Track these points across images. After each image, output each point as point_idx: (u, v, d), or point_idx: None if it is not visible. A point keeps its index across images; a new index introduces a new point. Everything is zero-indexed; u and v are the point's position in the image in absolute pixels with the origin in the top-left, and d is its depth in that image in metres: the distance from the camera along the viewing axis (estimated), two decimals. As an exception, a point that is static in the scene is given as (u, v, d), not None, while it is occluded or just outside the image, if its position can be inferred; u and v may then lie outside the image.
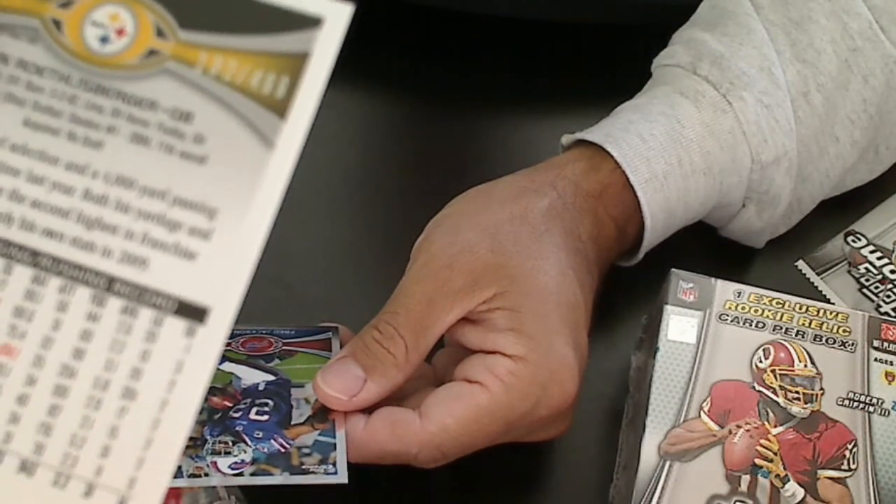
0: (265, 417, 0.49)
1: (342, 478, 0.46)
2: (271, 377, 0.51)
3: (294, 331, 0.53)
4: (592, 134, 0.55)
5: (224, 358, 0.52)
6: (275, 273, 0.61)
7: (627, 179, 0.54)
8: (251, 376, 0.51)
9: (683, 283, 0.53)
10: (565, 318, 0.50)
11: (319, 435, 0.48)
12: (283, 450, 0.47)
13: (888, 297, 0.61)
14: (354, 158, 0.68)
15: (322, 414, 0.49)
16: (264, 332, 0.54)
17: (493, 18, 0.69)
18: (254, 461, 0.47)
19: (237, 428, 0.48)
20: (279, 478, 0.46)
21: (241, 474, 0.46)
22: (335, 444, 0.47)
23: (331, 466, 0.47)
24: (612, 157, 0.54)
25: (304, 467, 0.47)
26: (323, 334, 0.53)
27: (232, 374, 0.51)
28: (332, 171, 0.67)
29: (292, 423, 0.49)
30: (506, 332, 0.48)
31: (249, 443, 0.48)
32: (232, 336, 0.53)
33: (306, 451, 0.47)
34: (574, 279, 0.51)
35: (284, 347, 0.53)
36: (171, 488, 0.50)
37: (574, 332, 0.50)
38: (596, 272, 0.54)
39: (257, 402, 0.50)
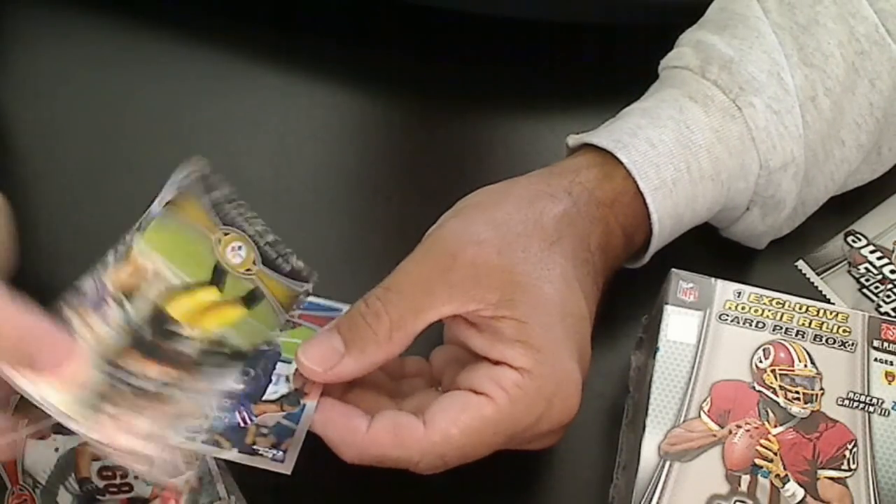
0: (241, 386, 0.49)
1: (286, 468, 0.46)
2: (264, 346, 0.50)
3: (308, 302, 0.53)
4: (601, 138, 0.55)
5: None
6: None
7: (638, 187, 0.54)
8: None
9: (683, 283, 0.53)
10: (570, 331, 0.50)
11: (284, 417, 0.48)
12: (242, 424, 0.47)
13: (888, 297, 0.61)
14: (354, 158, 0.68)
15: (294, 397, 0.48)
16: None
17: (493, 18, 0.69)
18: (210, 429, 0.47)
19: None
20: (226, 453, 0.46)
21: (192, 440, 0.46)
22: (293, 431, 0.47)
23: (280, 453, 0.46)
24: (622, 164, 0.54)
25: (254, 447, 0.46)
26: (334, 312, 0.52)
27: None
28: (332, 171, 0.67)
29: (263, 398, 0.48)
30: (513, 342, 0.48)
31: (213, 409, 0.47)
32: None
33: (264, 431, 0.47)
34: (580, 291, 0.51)
35: (289, 318, 0.52)
36: (170, 488, 0.51)
37: (579, 344, 0.50)
38: (601, 281, 0.53)
39: (241, 368, 0.49)
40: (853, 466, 0.49)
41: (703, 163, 0.55)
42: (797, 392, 0.50)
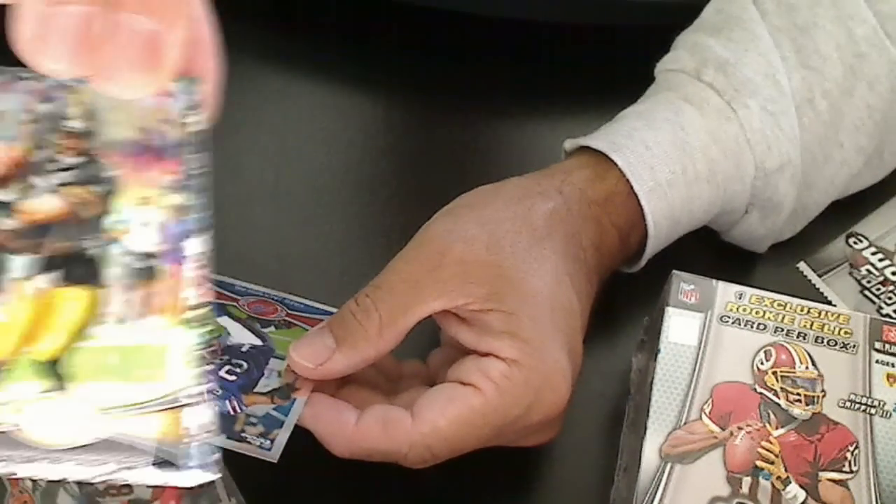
0: (233, 378, 0.49)
1: (273, 456, 0.46)
2: (259, 342, 0.51)
3: (304, 304, 0.54)
4: (597, 140, 0.55)
5: (225, 312, 0.52)
6: (275, 273, 0.61)
7: (632, 188, 0.54)
8: (241, 336, 0.51)
9: (685, 285, 0.53)
10: (560, 324, 0.50)
11: (273, 409, 0.48)
12: (232, 413, 0.48)
13: (889, 298, 0.60)
14: (354, 158, 0.68)
15: (285, 391, 0.49)
16: (275, 298, 0.54)
17: (493, 18, 0.69)
18: None
19: None
20: (214, 438, 0.47)
21: None
22: (283, 423, 0.47)
23: (267, 442, 0.47)
24: (616, 165, 0.54)
25: (242, 434, 0.47)
26: (329, 315, 0.53)
27: (224, 328, 0.51)
28: (332, 171, 0.67)
29: (254, 390, 0.49)
30: (500, 334, 0.48)
31: None
32: (243, 294, 0.54)
33: (253, 420, 0.48)
34: (570, 285, 0.51)
35: (287, 318, 0.53)
36: (170, 489, 0.50)
37: (569, 338, 0.50)
38: (595, 279, 0.53)
39: (233, 361, 0.50)
40: (855, 468, 0.49)
41: (698, 165, 0.55)
42: (798, 394, 0.50)
